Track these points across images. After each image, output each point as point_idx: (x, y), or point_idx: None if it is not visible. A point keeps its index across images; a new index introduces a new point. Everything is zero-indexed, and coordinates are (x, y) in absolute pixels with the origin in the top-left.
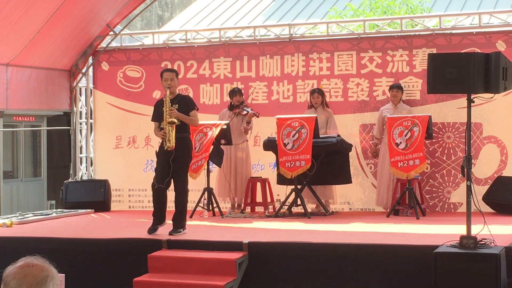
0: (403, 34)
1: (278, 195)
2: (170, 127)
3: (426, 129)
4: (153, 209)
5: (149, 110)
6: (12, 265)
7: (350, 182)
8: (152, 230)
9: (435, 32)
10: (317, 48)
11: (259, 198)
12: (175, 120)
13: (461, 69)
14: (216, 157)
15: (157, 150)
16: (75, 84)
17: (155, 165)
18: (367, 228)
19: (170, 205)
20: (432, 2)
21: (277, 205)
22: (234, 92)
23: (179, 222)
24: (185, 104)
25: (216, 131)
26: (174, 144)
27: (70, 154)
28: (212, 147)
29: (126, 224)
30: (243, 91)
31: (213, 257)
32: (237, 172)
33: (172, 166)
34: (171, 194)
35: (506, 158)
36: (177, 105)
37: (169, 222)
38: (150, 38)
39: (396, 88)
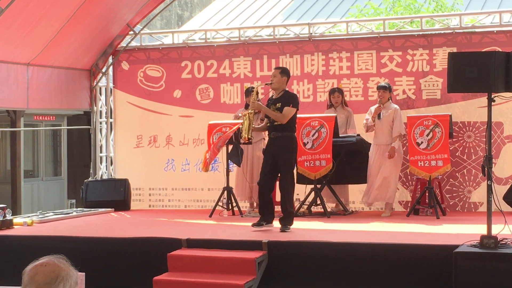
0: (423, 33)
1: (297, 194)
2: (245, 118)
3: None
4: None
5: (170, 110)
6: (33, 262)
7: None
8: (257, 225)
9: (456, 31)
10: (337, 47)
11: (278, 198)
12: (251, 112)
13: (481, 68)
14: (236, 156)
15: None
16: (95, 83)
17: (175, 164)
18: (386, 227)
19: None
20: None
21: (297, 205)
22: (247, 92)
23: (283, 220)
24: (285, 101)
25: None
26: (247, 137)
27: (90, 153)
28: (231, 146)
29: (146, 223)
30: (263, 90)
31: (233, 256)
32: (254, 171)
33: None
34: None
35: None
36: (279, 103)
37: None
38: (169, 37)
39: (383, 89)
